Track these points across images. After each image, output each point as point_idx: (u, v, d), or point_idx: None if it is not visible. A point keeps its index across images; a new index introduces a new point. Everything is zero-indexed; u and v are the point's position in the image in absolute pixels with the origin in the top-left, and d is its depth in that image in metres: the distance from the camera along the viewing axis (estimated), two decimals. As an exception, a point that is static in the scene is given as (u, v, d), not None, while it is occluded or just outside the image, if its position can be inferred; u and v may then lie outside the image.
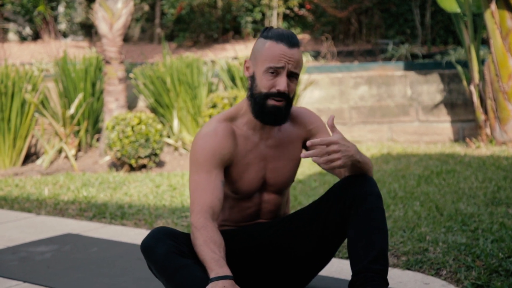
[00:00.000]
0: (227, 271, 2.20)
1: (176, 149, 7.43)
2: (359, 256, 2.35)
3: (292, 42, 2.38)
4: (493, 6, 6.69)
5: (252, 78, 2.43)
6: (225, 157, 2.44)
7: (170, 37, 12.21)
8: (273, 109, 2.40)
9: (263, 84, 2.39)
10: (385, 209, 4.08)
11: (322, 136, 2.58)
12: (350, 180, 2.42)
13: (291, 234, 2.55)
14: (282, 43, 2.38)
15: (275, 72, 2.38)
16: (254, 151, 2.51)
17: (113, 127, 6.52)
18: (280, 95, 2.38)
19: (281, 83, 2.37)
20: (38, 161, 7.27)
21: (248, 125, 2.50)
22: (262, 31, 2.46)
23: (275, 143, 2.53)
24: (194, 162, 2.43)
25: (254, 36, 11.56)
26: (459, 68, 7.28)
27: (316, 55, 9.60)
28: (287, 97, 2.41)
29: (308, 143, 2.24)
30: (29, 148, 7.73)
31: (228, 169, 2.48)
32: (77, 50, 10.86)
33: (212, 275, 2.19)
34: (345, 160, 2.26)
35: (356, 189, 2.39)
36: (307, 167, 6.05)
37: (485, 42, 7.46)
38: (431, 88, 7.70)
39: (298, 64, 2.40)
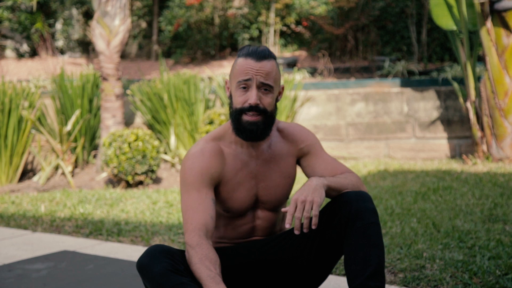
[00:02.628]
0: None
1: (173, 165, 7.43)
2: (355, 272, 2.34)
3: (260, 55, 2.40)
4: (488, 23, 6.72)
5: (230, 96, 2.46)
6: (214, 175, 2.45)
7: (167, 54, 12.24)
8: (248, 125, 2.41)
9: (236, 100, 2.42)
10: (382, 226, 4.09)
11: (314, 155, 2.59)
12: (345, 197, 2.43)
13: (287, 250, 2.54)
14: (249, 57, 2.40)
15: (246, 86, 2.40)
16: (244, 169, 2.51)
17: (110, 144, 6.51)
18: (252, 108, 2.39)
19: (252, 96, 2.39)
20: (35, 178, 7.26)
21: (236, 144, 2.51)
22: (239, 50, 2.48)
23: (266, 160, 2.53)
24: (183, 182, 2.44)
25: (251, 53, 11.59)
26: (456, 85, 7.30)
27: (313, 72, 9.63)
28: (264, 112, 2.41)
29: (287, 226, 2.33)
30: (26, 164, 7.72)
31: (218, 188, 2.48)
32: (74, 67, 10.88)
33: None
34: (318, 196, 2.32)
35: (351, 205, 2.39)
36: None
37: (481, 59, 7.49)
38: (427, 104, 7.71)
39: (269, 75, 2.40)
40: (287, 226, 2.30)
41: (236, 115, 2.42)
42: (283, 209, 2.34)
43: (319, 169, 2.55)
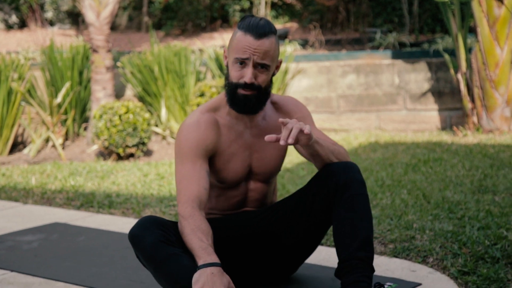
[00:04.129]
0: (215, 259, 2.21)
1: (164, 138, 7.42)
2: (344, 244, 2.37)
3: (260, 33, 2.38)
4: (480, -6, 6.70)
5: (227, 67, 2.46)
6: (209, 147, 2.46)
7: (157, 26, 12.15)
8: (243, 98, 2.42)
9: (232, 74, 2.42)
10: (372, 198, 4.11)
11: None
12: (332, 167, 2.43)
13: (277, 222, 2.56)
14: (249, 34, 2.38)
15: (242, 63, 2.39)
16: (239, 140, 2.52)
17: (101, 116, 6.49)
18: (247, 86, 2.39)
19: (247, 74, 2.39)
20: (25, 150, 7.24)
21: (231, 114, 2.52)
22: (240, 19, 2.48)
23: (260, 132, 2.54)
24: (178, 153, 2.45)
25: (242, 25, 11.53)
26: (447, 56, 7.30)
27: (304, 44, 9.60)
28: (258, 88, 2.41)
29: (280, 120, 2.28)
30: (16, 137, 7.68)
31: (212, 158, 2.49)
32: (64, 38, 10.80)
33: (200, 262, 2.20)
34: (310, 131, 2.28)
35: (338, 176, 2.40)
36: (295, 155, 6.06)
37: (473, 30, 7.47)
38: (418, 76, 7.71)
39: (267, 54, 2.39)
40: (280, 120, 2.28)
41: (231, 88, 2.43)
42: (281, 120, 2.30)
43: None
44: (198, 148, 2.44)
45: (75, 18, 12.98)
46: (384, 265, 2.96)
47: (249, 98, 2.42)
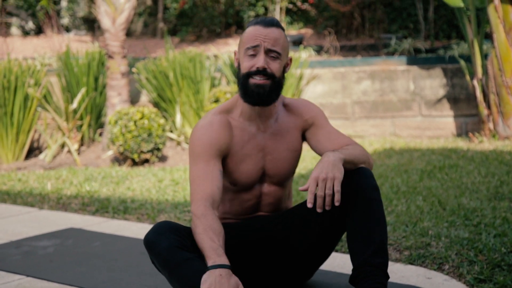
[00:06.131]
0: (224, 260, 2.21)
1: (178, 143, 7.43)
2: (358, 250, 2.36)
3: (268, 22, 2.45)
4: (496, 0, 6.67)
5: (238, 66, 2.48)
6: (222, 147, 2.48)
7: (172, 32, 12.20)
8: (256, 88, 2.43)
9: (244, 65, 2.45)
10: (388, 204, 4.10)
11: (318, 127, 2.60)
12: (346, 173, 2.43)
13: (291, 227, 2.55)
14: (258, 25, 2.45)
15: (254, 53, 2.42)
16: (252, 142, 2.53)
17: (116, 122, 6.52)
18: (260, 72, 2.41)
19: (259, 61, 2.42)
20: (41, 156, 7.28)
21: (243, 116, 2.53)
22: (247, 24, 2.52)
23: (273, 133, 2.56)
24: (192, 153, 2.47)
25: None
26: (462, 62, 7.27)
27: (319, 50, 9.59)
28: (272, 77, 2.43)
29: (309, 205, 2.32)
30: (32, 142, 7.73)
31: (225, 160, 2.51)
32: (79, 44, 10.87)
33: (209, 263, 2.20)
34: (338, 171, 2.32)
35: (352, 182, 2.39)
36: (310, 161, 6.05)
37: (489, 36, 7.44)
38: (434, 82, 7.68)
39: (276, 41, 2.43)
40: (309, 205, 2.30)
41: (243, 79, 2.45)
42: (300, 188, 2.33)
43: (323, 140, 2.57)
44: (211, 148, 2.45)
45: (91, 24, 13.07)
46: (399, 272, 2.94)
47: (263, 87, 2.42)
